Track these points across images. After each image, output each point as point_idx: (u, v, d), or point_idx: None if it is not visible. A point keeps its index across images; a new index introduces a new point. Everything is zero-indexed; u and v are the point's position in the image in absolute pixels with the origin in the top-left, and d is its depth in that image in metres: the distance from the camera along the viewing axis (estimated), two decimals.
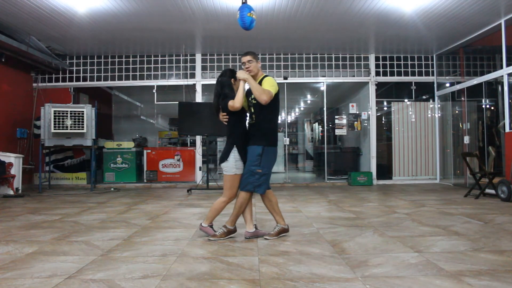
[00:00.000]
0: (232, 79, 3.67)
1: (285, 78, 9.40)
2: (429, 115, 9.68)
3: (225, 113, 3.63)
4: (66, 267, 2.79)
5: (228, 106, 3.49)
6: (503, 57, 6.98)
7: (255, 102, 3.57)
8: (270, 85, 3.54)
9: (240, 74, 3.57)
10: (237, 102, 3.46)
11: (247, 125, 3.73)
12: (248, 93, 3.68)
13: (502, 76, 7.09)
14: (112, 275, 2.60)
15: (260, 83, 3.58)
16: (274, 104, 3.60)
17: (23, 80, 8.99)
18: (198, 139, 9.47)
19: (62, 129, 7.85)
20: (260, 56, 9.40)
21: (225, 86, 3.63)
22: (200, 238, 3.66)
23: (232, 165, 3.51)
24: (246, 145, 3.60)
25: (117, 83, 9.56)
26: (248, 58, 3.62)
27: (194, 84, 9.43)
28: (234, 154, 3.51)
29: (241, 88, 3.51)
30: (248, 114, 3.72)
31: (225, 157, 3.54)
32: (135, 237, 3.74)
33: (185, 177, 9.43)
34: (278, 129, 4.12)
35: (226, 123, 3.66)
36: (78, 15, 6.62)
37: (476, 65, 8.72)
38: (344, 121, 9.66)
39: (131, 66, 9.42)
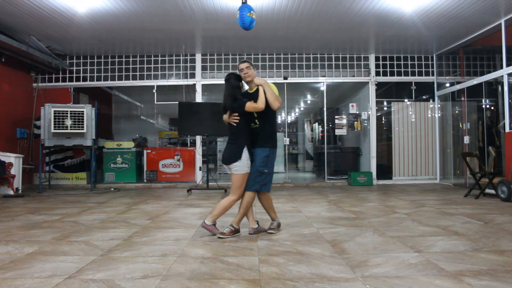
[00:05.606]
0: (240, 83, 3.85)
1: (285, 78, 9.39)
2: (429, 115, 9.67)
3: (236, 114, 3.74)
4: (66, 267, 2.79)
5: (248, 107, 3.66)
6: (503, 57, 6.98)
7: None
8: (275, 91, 3.77)
9: (257, 80, 3.77)
10: (261, 103, 3.67)
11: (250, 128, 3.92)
12: (250, 99, 3.83)
13: (502, 76, 7.09)
14: (112, 275, 2.60)
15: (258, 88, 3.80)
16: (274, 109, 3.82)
17: (23, 80, 8.99)
18: (198, 139, 9.47)
19: (62, 129, 7.85)
20: (260, 56, 9.40)
21: (235, 88, 3.79)
22: (200, 238, 3.66)
23: (245, 164, 3.67)
24: (252, 146, 3.79)
25: (117, 83, 9.56)
26: (246, 65, 3.83)
27: (194, 84, 9.42)
28: (246, 154, 3.68)
29: (262, 92, 3.70)
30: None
31: (237, 156, 3.67)
32: (135, 237, 3.74)
33: (185, 177, 9.43)
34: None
35: (234, 124, 3.75)
36: (78, 15, 6.62)
37: (476, 65, 8.72)
38: (344, 121, 9.66)
39: (131, 66, 9.42)
